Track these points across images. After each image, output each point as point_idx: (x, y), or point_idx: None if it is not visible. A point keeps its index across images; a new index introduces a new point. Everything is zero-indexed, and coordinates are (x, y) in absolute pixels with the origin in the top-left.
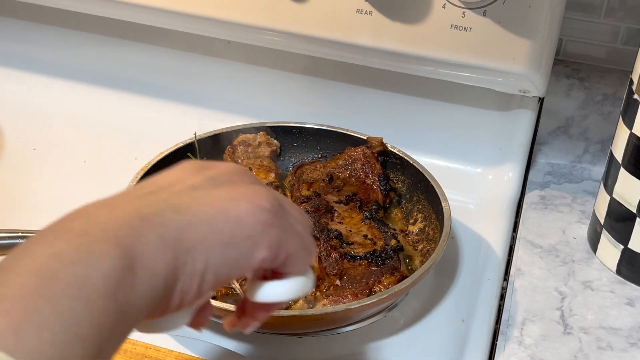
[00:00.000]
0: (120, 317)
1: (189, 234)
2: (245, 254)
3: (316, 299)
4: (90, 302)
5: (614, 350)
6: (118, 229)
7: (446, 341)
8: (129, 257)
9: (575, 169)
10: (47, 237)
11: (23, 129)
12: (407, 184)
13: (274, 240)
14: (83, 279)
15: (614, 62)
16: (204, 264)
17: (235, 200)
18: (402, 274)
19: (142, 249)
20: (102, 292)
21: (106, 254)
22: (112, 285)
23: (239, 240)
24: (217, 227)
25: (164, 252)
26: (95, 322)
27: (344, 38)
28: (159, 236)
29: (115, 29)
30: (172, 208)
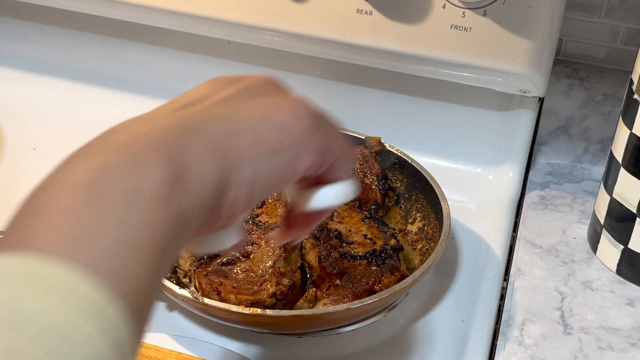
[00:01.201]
0: (176, 226)
1: (234, 142)
2: (293, 160)
3: (317, 299)
4: (144, 212)
5: (614, 351)
6: (161, 140)
7: (446, 341)
8: (177, 166)
9: (575, 169)
10: (89, 152)
11: (23, 129)
12: (406, 184)
13: (320, 146)
14: (134, 190)
15: (614, 62)
16: (252, 171)
17: (276, 108)
18: (402, 273)
19: (189, 158)
20: (154, 201)
21: (153, 163)
22: (164, 193)
23: (285, 147)
24: (261, 135)
25: (211, 160)
26: (151, 231)
27: (344, 38)
28: (204, 145)
29: (115, 29)
30: (212, 118)
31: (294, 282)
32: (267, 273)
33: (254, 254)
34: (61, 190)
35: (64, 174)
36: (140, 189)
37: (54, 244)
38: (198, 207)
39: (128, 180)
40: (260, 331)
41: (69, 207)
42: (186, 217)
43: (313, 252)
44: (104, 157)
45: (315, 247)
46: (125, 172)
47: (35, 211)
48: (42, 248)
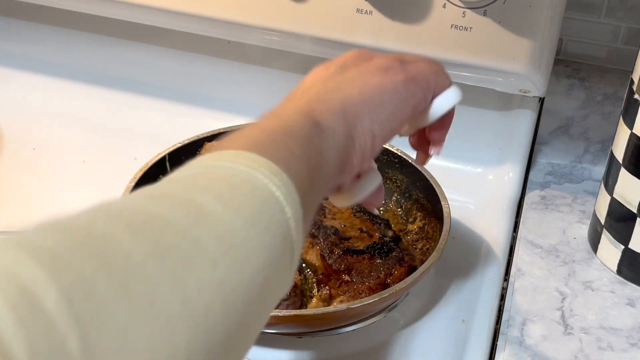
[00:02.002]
0: (320, 157)
1: (348, 105)
2: (399, 107)
3: (331, 297)
4: (296, 139)
5: (615, 351)
6: (295, 108)
7: (446, 341)
8: (313, 119)
9: (575, 169)
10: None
11: (23, 129)
12: (406, 183)
13: (416, 90)
14: (289, 129)
15: (614, 62)
16: (369, 123)
17: (370, 75)
18: (410, 264)
19: (320, 117)
20: (302, 135)
21: (297, 119)
22: (308, 133)
23: (388, 99)
24: (367, 96)
25: (337, 119)
26: (303, 150)
27: (344, 38)
28: (328, 109)
29: (115, 29)
30: (326, 94)
31: (295, 283)
32: None
33: None
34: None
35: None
36: (291, 126)
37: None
38: (334, 150)
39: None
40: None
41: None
42: (325, 155)
43: (313, 250)
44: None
45: (314, 245)
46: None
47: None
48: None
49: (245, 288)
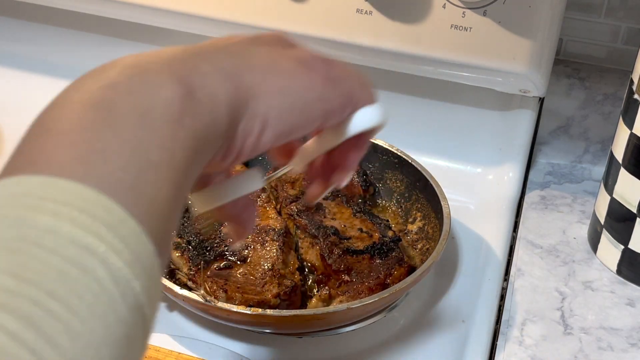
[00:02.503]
0: (192, 144)
1: (245, 75)
2: (308, 103)
3: (331, 297)
4: (155, 129)
5: (615, 351)
6: (170, 62)
7: (446, 341)
8: (187, 85)
9: (575, 169)
10: (95, 73)
11: (23, 129)
12: (406, 183)
13: (332, 94)
14: (144, 107)
15: (614, 62)
16: (266, 104)
17: (284, 60)
18: (409, 264)
19: (200, 78)
20: (165, 117)
21: (162, 82)
22: (175, 111)
23: (298, 90)
24: (273, 76)
25: (223, 81)
26: (166, 147)
27: (344, 38)
28: (215, 69)
29: (115, 29)
30: (222, 51)
31: (295, 284)
32: (267, 276)
33: (251, 257)
34: (69, 110)
35: (72, 93)
36: (150, 106)
37: (64, 164)
38: (212, 127)
39: (137, 98)
40: (260, 331)
41: (78, 126)
42: (201, 136)
43: (313, 250)
44: (111, 75)
45: (314, 245)
46: (134, 91)
47: (43, 132)
48: (52, 169)
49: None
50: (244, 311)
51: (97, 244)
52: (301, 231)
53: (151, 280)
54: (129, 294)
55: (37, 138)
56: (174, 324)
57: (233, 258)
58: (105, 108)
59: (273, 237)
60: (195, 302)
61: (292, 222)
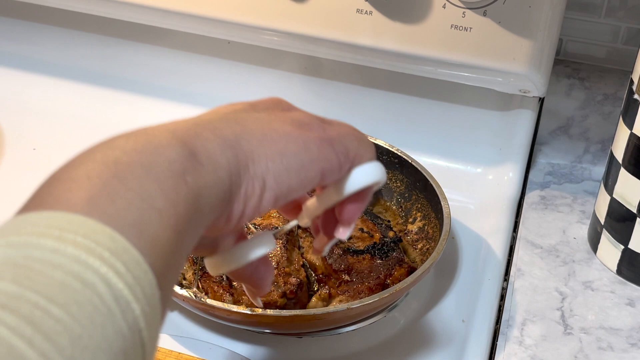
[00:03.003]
0: (194, 201)
1: (245, 141)
2: (304, 165)
3: (331, 296)
4: (159, 181)
5: (615, 351)
6: (173, 129)
7: (446, 341)
8: (190, 149)
9: (575, 169)
10: (104, 143)
11: (23, 129)
12: (406, 183)
13: (330, 154)
14: (149, 163)
15: (614, 62)
16: (264, 168)
17: (281, 122)
18: (410, 265)
19: (202, 143)
20: (169, 173)
21: (167, 144)
22: (179, 168)
23: (294, 152)
24: (271, 140)
25: (224, 148)
26: (169, 198)
27: (344, 38)
28: (216, 136)
29: (115, 29)
30: (222, 120)
31: (301, 281)
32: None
33: None
34: (80, 165)
35: (83, 156)
36: (154, 163)
37: (71, 203)
38: (214, 188)
39: (143, 156)
40: (260, 331)
41: (86, 176)
42: (202, 195)
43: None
44: (119, 142)
45: None
46: (140, 150)
47: (53, 181)
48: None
49: None
50: (244, 311)
51: (99, 264)
52: (302, 230)
53: (151, 308)
54: (129, 314)
55: (47, 187)
56: (174, 324)
57: None
58: (112, 163)
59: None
60: (195, 301)
61: None
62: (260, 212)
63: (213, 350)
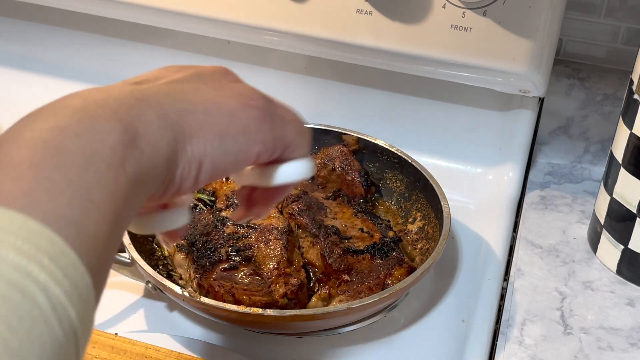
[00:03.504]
0: (131, 189)
1: (186, 120)
2: (242, 147)
3: (331, 296)
4: (99, 172)
5: (614, 351)
6: (117, 107)
7: (446, 341)
8: (131, 133)
9: (575, 169)
10: (45, 113)
11: None
12: (406, 183)
13: (269, 135)
14: (90, 151)
15: (614, 62)
16: (202, 151)
17: (226, 97)
18: (409, 264)
19: (144, 127)
20: (110, 162)
21: (109, 128)
22: (119, 157)
23: (233, 134)
24: (212, 118)
25: (164, 131)
26: (108, 190)
27: (344, 38)
28: (158, 116)
29: (115, 29)
30: (166, 94)
31: (302, 281)
32: (273, 275)
33: (255, 257)
34: (17, 147)
35: (20, 131)
36: (96, 151)
37: (10, 196)
38: (151, 174)
39: (84, 142)
40: (260, 331)
41: (26, 163)
42: (140, 181)
43: (314, 250)
44: (61, 118)
45: (315, 244)
46: (81, 134)
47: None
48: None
49: None
50: (243, 311)
51: (38, 271)
52: (302, 230)
53: (86, 309)
54: (65, 320)
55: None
56: (174, 324)
57: (238, 258)
58: (53, 148)
59: (277, 236)
60: (195, 301)
61: (293, 222)
62: (195, 188)
63: (213, 350)
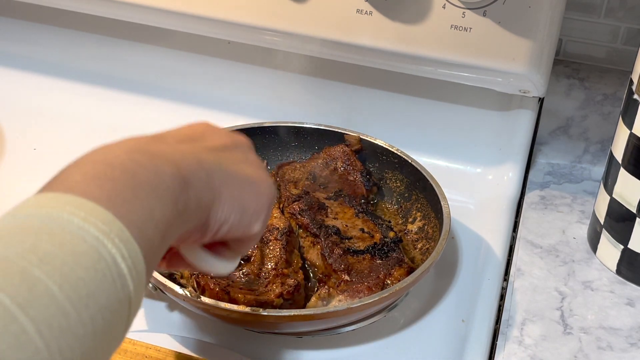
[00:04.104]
0: (178, 222)
1: (226, 188)
2: (251, 223)
3: (330, 295)
4: (161, 200)
5: (614, 351)
6: (179, 161)
7: (446, 341)
8: (186, 183)
9: (575, 169)
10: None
11: (23, 129)
12: (406, 183)
13: (266, 220)
14: (156, 184)
15: (614, 62)
16: (226, 216)
17: (258, 176)
18: (409, 265)
19: (196, 182)
20: (169, 196)
21: (172, 174)
22: (175, 196)
23: (252, 212)
24: (244, 193)
25: (208, 190)
26: (164, 214)
27: (344, 38)
28: (208, 180)
29: (115, 29)
30: (216, 162)
31: (298, 282)
32: (270, 275)
33: (254, 257)
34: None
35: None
36: (158, 185)
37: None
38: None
39: (151, 175)
40: (260, 331)
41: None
42: (184, 218)
43: (314, 250)
44: (136, 154)
45: (315, 245)
46: (150, 169)
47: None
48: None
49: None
50: (244, 311)
51: (110, 246)
52: (303, 230)
53: (139, 289)
54: (125, 287)
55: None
56: (174, 324)
57: None
58: (130, 172)
59: (277, 237)
60: (195, 301)
61: (294, 221)
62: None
63: (213, 350)
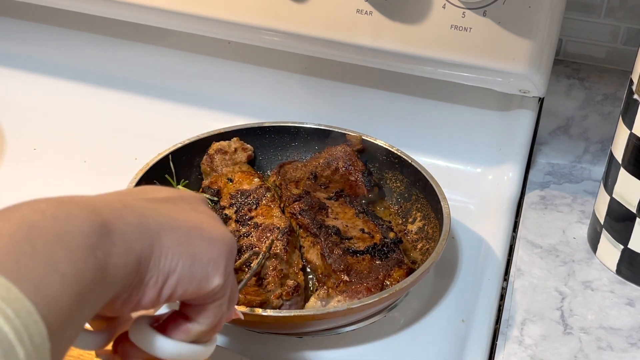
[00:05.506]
0: (100, 275)
1: (167, 235)
2: (207, 275)
3: (329, 296)
4: (69, 249)
5: (614, 351)
6: (101, 206)
7: (446, 341)
8: (108, 227)
9: (575, 169)
10: (30, 203)
11: (23, 129)
12: (406, 183)
13: (228, 273)
14: (62, 231)
15: (614, 62)
16: (173, 267)
17: (208, 224)
18: (409, 266)
19: (121, 226)
20: (80, 243)
21: (85, 217)
22: (91, 242)
23: (205, 260)
24: (191, 240)
25: (142, 235)
26: (75, 265)
27: (344, 38)
28: (139, 222)
29: (115, 29)
30: (152, 207)
31: (298, 283)
32: (270, 276)
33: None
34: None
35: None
36: (67, 232)
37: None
38: (122, 271)
39: (59, 223)
40: (260, 331)
41: (4, 232)
42: (109, 271)
43: (314, 250)
44: (43, 204)
45: (315, 245)
46: (58, 217)
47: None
48: None
49: None
50: (244, 311)
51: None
52: (303, 230)
53: (39, 356)
54: (12, 356)
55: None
56: None
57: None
58: (28, 225)
59: (277, 236)
60: None
61: (294, 221)
62: (154, 304)
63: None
